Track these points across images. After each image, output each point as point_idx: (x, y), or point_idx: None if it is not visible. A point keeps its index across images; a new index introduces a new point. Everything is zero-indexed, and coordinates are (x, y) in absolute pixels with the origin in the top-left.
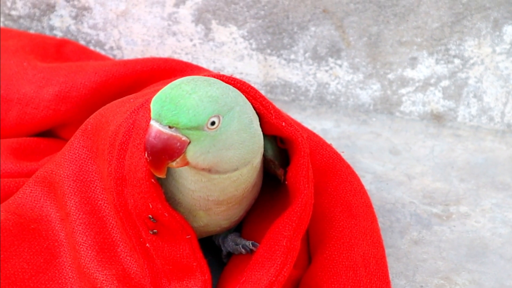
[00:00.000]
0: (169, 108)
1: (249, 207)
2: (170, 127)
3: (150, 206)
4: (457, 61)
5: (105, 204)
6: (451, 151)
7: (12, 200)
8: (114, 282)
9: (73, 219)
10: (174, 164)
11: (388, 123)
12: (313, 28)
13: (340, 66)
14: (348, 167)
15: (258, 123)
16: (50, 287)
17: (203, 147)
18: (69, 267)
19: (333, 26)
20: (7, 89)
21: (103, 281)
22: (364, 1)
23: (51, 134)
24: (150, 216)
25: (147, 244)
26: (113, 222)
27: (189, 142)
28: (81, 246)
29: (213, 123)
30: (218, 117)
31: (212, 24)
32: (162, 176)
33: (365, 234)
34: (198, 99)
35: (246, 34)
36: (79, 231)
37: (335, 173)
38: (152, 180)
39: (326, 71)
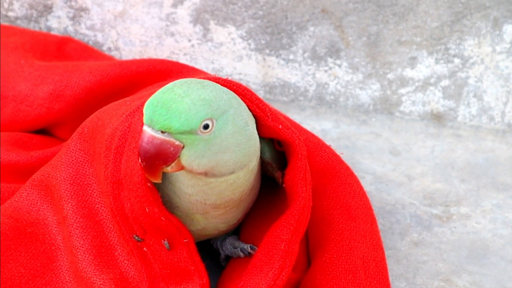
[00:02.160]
0: (161, 113)
1: (247, 210)
2: (162, 132)
3: (147, 210)
4: (457, 60)
5: (102, 208)
6: (452, 151)
7: (8, 204)
8: (112, 286)
9: (70, 223)
10: (169, 169)
11: (388, 123)
12: (312, 28)
13: (340, 66)
14: (347, 168)
15: (254, 125)
16: None
17: (197, 151)
18: (66, 271)
19: (332, 26)
20: (3, 86)
21: (101, 285)
22: (363, 0)
23: (46, 133)
24: (135, 235)
25: (145, 248)
26: (110, 225)
27: (183, 147)
28: (78, 250)
29: (206, 127)
30: (211, 120)
31: (210, 24)
32: (158, 181)
33: (365, 236)
34: (190, 103)
35: (244, 34)
36: (76, 235)
37: (334, 175)
38: (148, 184)
39: (325, 71)
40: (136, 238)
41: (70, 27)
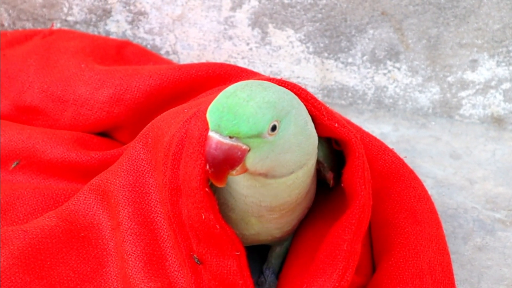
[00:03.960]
0: (228, 118)
1: (302, 217)
2: (230, 137)
3: (203, 216)
4: None
5: (159, 217)
6: None
7: (65, 207)
8: None
9: (124, 229)
10: (234, 172)
11: (448, 126)
12: (371, 31)
13: (399, 69)
14: (411, 172)
15: (313, 124)
16: None
17: (262, 153)
18: (115, 277)
19: (392, 28)
20: (64, 90)
21: None
22: (423, 2)
23: (106, 137)
24: (195, 256)
25: (196, 258)
26: (165, 235)
27: (249, 150)
28: (129, 256)
29: (273, 129)
30: (277, 122)
31: (268, 27)
32: (223, 185)
33: (431, 240)
34: (256, 106)
35: (303, 37)
36: (129, 241)
37: (398, 178)
38: (206, 189)
39: (384, 74)
40: (195, 259)
41: (129, 31)
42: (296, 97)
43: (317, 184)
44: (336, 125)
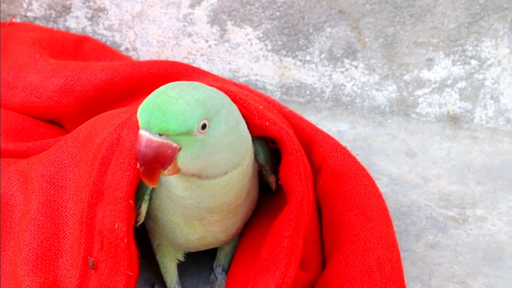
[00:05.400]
0: (158, 116)
1: (245, 219)
2: (160, 134)
3: (116, 226)
4: (473, 62)
5: (67, 213)
6: (468, 153)
7: None
8: None
9: (30, 217)
10: (166, 172)
11: (404, 124)
12: (328, 29)
13: (356, 67)
14: (363, 170)
15: (245, 124)
16: None
17: (193, 152)
18: (8, 263)
19: (349, 27)
20: (14, 76)
21: (26, 286)
22: (380, 1)
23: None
24: (91, 260)
25: (91, 262)
26: (67, 231)
27: (180, 149)
28: (24, 246)
29: (203, 127)
30: (207, 120)
31: (227, 25)
32: (155, 185)
33: (380, 238)
34: (185, 104)
35: (261, 35)
36: (29, 231)
37: (349, 176)
38: (131, 202)
39: (342, 72)
40: (90, 262)
41: (88, 27)
42: (227, 97)
43: (261, 186)
44: (267, 123)
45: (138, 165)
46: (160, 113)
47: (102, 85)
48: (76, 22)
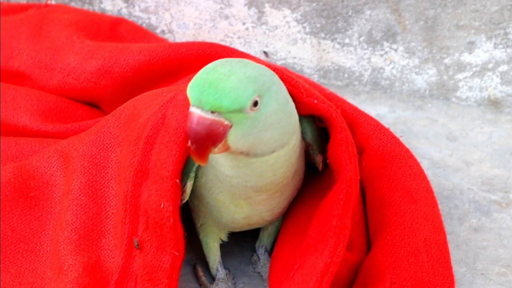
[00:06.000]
0: (210, 93)
1: (291, 198)
2: (212, 112)
3: (162, 205)
4: None
5: (110, 193)
6: (510, 137)
7: (28, 161)
8: (79, 270)
9: (72, 197)
10: (216, 150)
11: (444, 108)
12: (368, 12)
13: (396, 50)
14: (407, 151)
15: (293, 103)
16: (27, 259)
17: (244, 130)
18: (49, 243)
19: (389, 9)
20: (52, 58)
21: (70, 266)
22: None
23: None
24: (136, 239)
25: (136, 241)
26: (110, 211)
27: (231, 126)
28: (67, 226)
29: (255, 104)
30: (259, 97)
31: (265, 7)
32: (204, 163)
33: (426, 219)
34: (237, 81)
35: (299, 17)
36: (71, 211)
37: (393, 157)
38: (177, 181)
39: (381, 55)
40: (135, 242)
41: (124, 9)
42: (275, 74)
43: (307, 166)
44: (315, 101)
45: (189, 143)
46: (212, 90)
47: (140, 66)
48: (111, 4)
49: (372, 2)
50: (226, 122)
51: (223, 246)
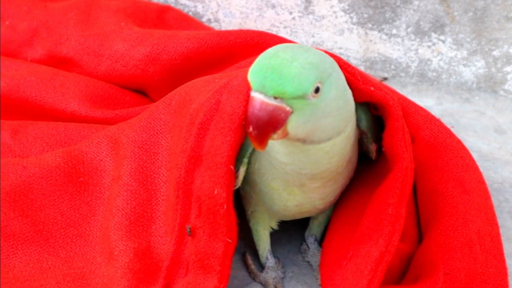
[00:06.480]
0: (273, 78)
1: (344, 187)
2: (274, 97)
3: (215, 191)
4: None
5: (160, 179)
6: None
7: (77, 146)
8: (130, 255)
9: (123, 183)
10: (275, 136)
11: (492, 101)
12: (416, 2)
13: (444, 42)
14: (458, 142)
15: (350, 90)
16: (77, 243)
17: (304, 116)
18: (99, 228)
19: (437, 0)
20: (100, 44)
21: (121, 251)
22: None
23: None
24: (188, 226)
25: (188, 228)
26: (160, 198)
27: (291, 112)
28: (117, 211)
29: (316, 91)
30: (320, 83)
31: None
32: (263, 149)
33: (479, 210)
34: (300, 67)
35: (347, 7)
36: (122, 196)
37: (445, 147)
38: (231, 167)
39: (429, 46)
40: (188, 229)
41: None
42: (334, 61)
43: (362, 157)
44: (372, 88)
45: (250, 128)
46: (275, 76)
47: (189, 53)
48: None
49: None
50: (287, 108)
51: (272, 235)
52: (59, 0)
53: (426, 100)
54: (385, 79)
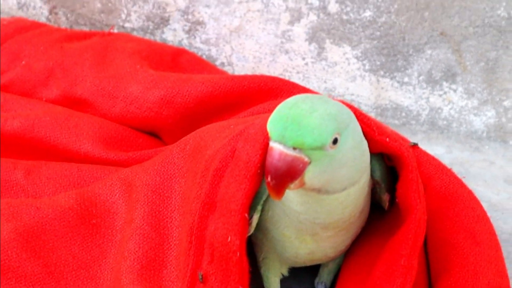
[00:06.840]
0: (293, 129)
1: (355, 236)
2: (294, 148)
3: (229, 239)
4: None
5: (173, 224)
6: None
7: (90, 188)
8: None
9: (135, 226)
10: (292, 186)
11: (502, 151)
12: (429, 51)
13: (455, 91)
14: (470, 192)
15: (366, 141)
16: (88, 286)
17: (321, 167)
18: (110, 271)
19: (450, 49)
20: (115, 86)
21: None
22: (483, 25)
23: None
24: (200, 273)
25: (200, 275)
26: (172, 243)
27: (309, 163)
28: (130, 255)
29: (334, 142)
30: (338, 135)
31: (325, 43)
32: (280, 199)
33: (490, 262)
34: (319, 118)
35: (359, 54)
36: (135, 240)
37: (456, 198)
38: (245, 215)
39: (440, 95)
40: (200, 276)
41: (185, 40)
42: (351, 112)
43: (373, 206)
44: (387, 139)
45: (269, 178)
46: (295, 126)
47: (203, 97)
48: (173, 35)
49: (433, 42)
50: (306, 159)
51: (282, 282)
52: (75, 41)
53: (436, 149)
54: (415, 144)
